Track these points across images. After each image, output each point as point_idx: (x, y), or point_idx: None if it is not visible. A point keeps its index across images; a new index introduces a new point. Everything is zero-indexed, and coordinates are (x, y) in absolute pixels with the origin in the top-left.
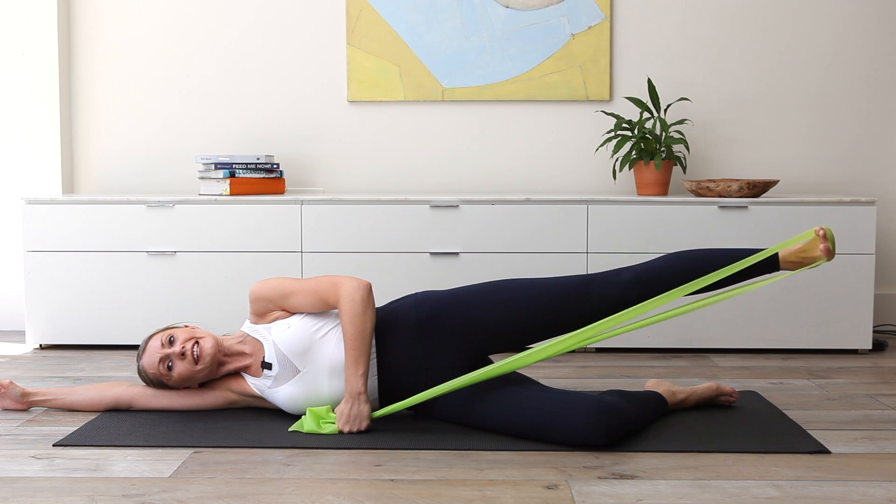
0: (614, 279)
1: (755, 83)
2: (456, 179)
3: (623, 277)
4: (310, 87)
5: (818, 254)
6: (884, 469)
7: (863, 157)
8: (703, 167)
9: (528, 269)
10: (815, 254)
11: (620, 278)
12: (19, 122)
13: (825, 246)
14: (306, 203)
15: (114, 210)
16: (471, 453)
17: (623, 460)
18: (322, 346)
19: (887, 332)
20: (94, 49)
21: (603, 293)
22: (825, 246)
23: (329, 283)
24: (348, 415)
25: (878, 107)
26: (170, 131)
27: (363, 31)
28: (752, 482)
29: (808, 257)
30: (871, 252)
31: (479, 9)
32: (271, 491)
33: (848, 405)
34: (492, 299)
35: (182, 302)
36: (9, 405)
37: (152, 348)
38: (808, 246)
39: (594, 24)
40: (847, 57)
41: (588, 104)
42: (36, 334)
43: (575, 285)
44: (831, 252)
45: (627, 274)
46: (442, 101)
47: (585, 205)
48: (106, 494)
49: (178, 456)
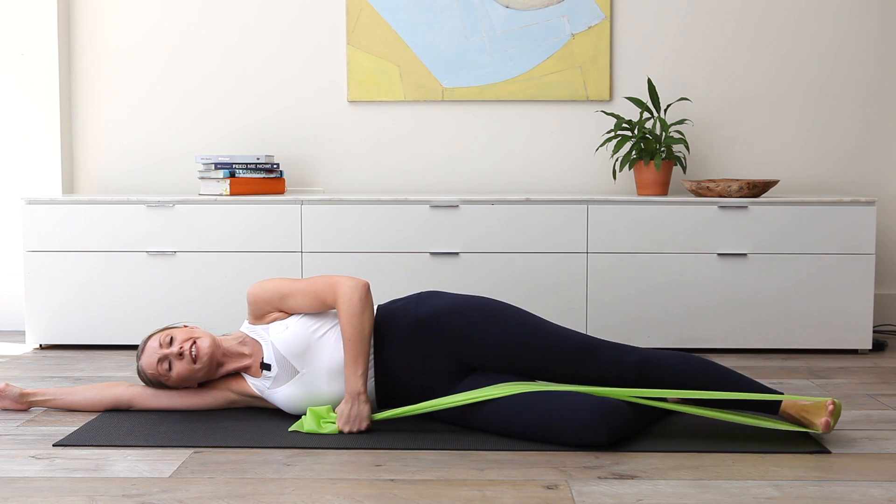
0: (617, 357)
1: (755, 83)
2: (456, 179)
3: (627, 360)
4: (310, 87)
5: (817, 422)
6: (884, 469)
7: (863, 157)
8: (703, 167)
9: (528, 269)
10: (815, 420)
11: (624, 360)
12: (19, 122)
13: (826, 420)
14: (306, 203)
15: (114, 210)
16: (471, 453)
17: (623, 460)
18: (320, 347)
19: (887, 332)
20: (94, 49)
21: (602, 367)
22: (826, 420)
23: (327, 284)
24: (348, 415)
25: (878, 107)
26: (170, 131)
27: (363, 31)
28: (752, 482)
29: (807, 419)
30: (871, 252)
31: (479, 9)
32: (271, 491)
33: (848, 405)
34: (492, 325)
35: (182, 302)
36: (8, 405)
37: (151, 348)
38: (813, 409)
39: (594, 24)
40: (847, 57)
41: (588, 104)
42: (36, 334)
43: (578, 345)
44: (829, 428)
45: (632, 357)
46: (442, 101)
47: (585, 205)
48: (106, 494)
49: (178, 456)
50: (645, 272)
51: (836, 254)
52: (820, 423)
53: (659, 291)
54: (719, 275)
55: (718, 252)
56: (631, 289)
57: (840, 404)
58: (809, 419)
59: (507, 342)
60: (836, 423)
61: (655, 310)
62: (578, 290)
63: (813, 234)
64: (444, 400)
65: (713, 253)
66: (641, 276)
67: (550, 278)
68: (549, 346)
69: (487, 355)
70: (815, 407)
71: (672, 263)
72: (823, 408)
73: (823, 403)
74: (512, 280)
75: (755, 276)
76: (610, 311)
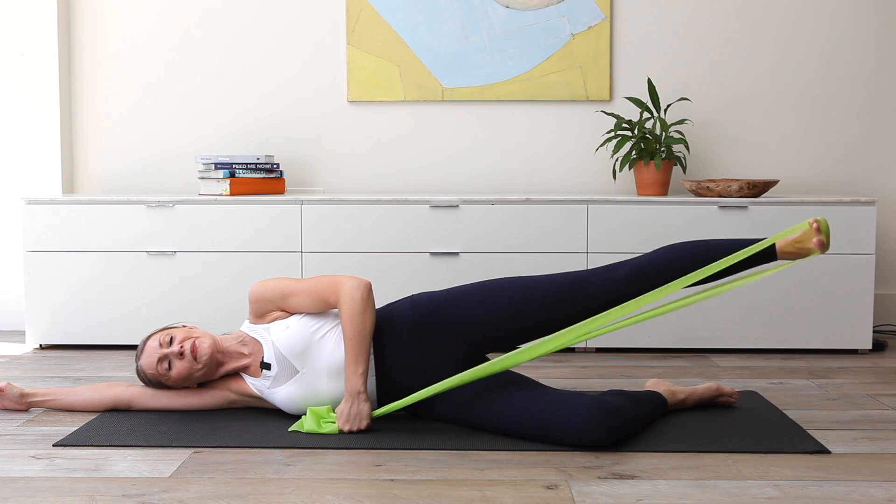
0: (609, 276)
1: (755, 83)
2: (456, 179)
3: (618, 273)
4: (310, 87)
5: (812, 246)
6: (884, 469)
7: (863, 157)
8: (703, 167)
9: (528, 269)
10: (810, 245)
11: (616, 275)
12: (19, 123)
13: (819, 239)
14: (306, 203)
15: (114, 210)
16: (471, 453)
17: (623, 460)
18: (321, 347)
19: (887, 332)
20: (94, 49)
21: (598, 291)
22: (819, 239)
23: (329, 283)
24: (348, 414)
25: (878, 107)
26: (170, 131)
27: (363, 31)
28: (752, 482)
29: (804, 248)
30: (871, 252)
31: (479, 9)
32: (271, 491)
33: (848, 405)
34: (486, 299)
35: (182, 302)
36: (8, 405)
37: (150, 348)
38: (803, 237)
39: (594, 24)
40: (847, 57)
41: (588, 104)
42: (36, 334)
43: (570, 283)
44: (825, 245)
45: (622, 270)
46: (442, 101)
47: (585, 205)
48: (106, 494)
49: (178, 456)
50: None
51: (836, 254)
52: (815, 243)
53: None
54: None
55: None
56: None
57: (823, 220)
58: (806, 247)
59: (507, 310)
60: (829, 238)
61: None
62: None
63: None
64: (445, 383)
65: None
66: None
67: None
68: (543, 298)
69: (495, 331)
70: (804, 235)
71: None
72: (811, 231)
73: (808, 225)
74: None
75: None
76: None
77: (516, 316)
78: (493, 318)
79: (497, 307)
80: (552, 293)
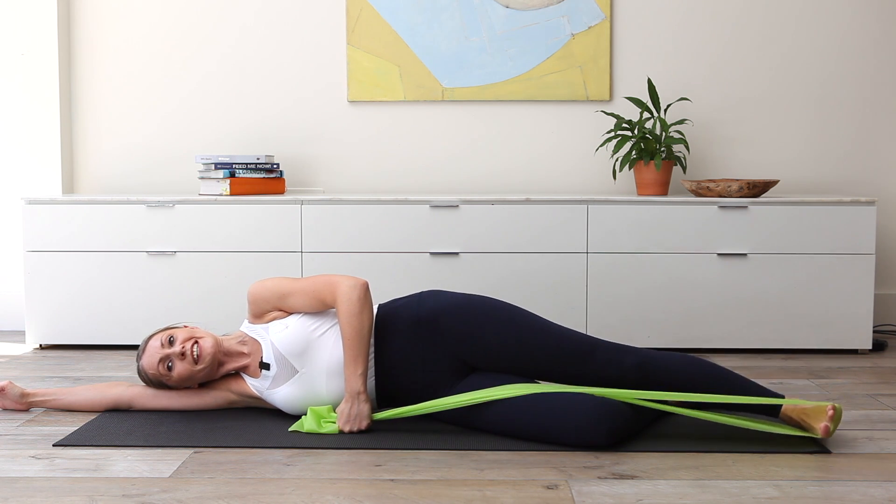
0: (618, 358)
1: (755, 83)
2: (456, 179)
3: (627, 360)
4: (310, 87)
5: (817, 426)
6: (884, 469)
7: (863, 157)
8: (703, 167)
9: (528, 269)
10: (815, 424)
11: (624, 360)
12: (19, 122)
13: (825, 426)
14: (306, 203)
15: (114, 210)
16: (471, 453)
17: (623, 460)
18: (320, 347)
19: (887, 332)
20: (94, 49)
21: (602, 368)
22: (825, 426)
23: (326, 283)
24: (348, 414)
25: (878, 107)
26: (170, 131)
27: (363, 31)
28: (752, 482)
29: (807, 423)
30: (871, 252)
31: (479, 9)
32: (271, 491)
33: (848, 405)
34: (495, 324)
35: (182, 302)
36: (8, 405)
37: (152, 348)
38: (813, 413)
39: (594, 24)
40: (847, 57)
41: (588, 104)
42: (36, 334)
43: (579, 345)
44: (829, 433)
45: (632, 358)
46: (442, 101)
47: (585, 205)
48: (106, 494)
49: (178, 456)
50: (645, 272)
51: (836, 254)
52: (819, 427)
53: (659, 291)
54: (719, 275)
55: (718, 252)
56: (631, 289)
57: (840, 409)
58: (809, 423)
59: (507, 342)
60: (836, 428)
61: (655, 310)
62: (578, 290)
63: (813, 234)
64: (446, 401)
65: (713, 253)
66: (641, 276)
67: (550, 278)
68: (549, 345)
69: (488, 355)
70: (815, 411)
71: (672, 263)
72: (823, 412)
73: (824, 408)
74: (512, 280)
75: (755, 276)
76: (610, 311)
77: (517, 352)
78: (495, 344)
79: (503, 336)
80: (559, 349)
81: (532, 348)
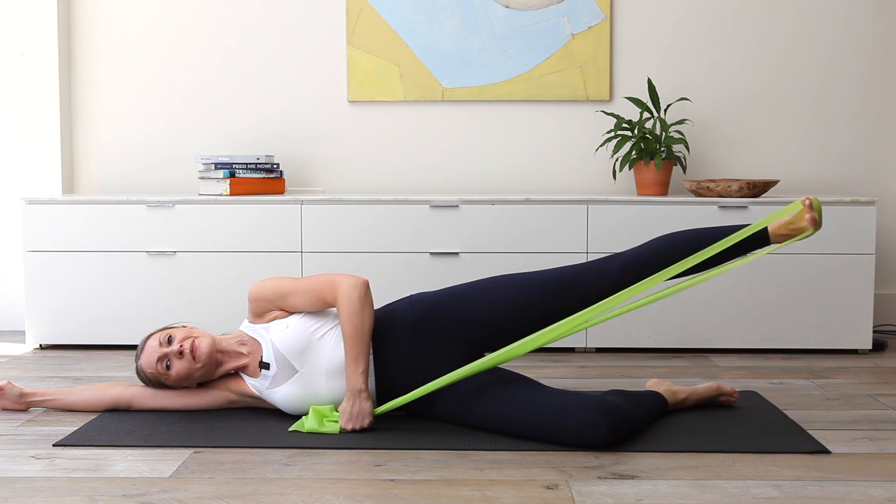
0: (604, 267)
1: (755, 83)
2: (456, 179)
3: (613, 264)
4: (310, 87)
5: (805, 224)
6: (884, 469)
7: (863, 157)
8: (703, 167)
9: (528, 269)
10: (803, 224)
11: (611, 265)
12: (19, 122)
13: (811, 216)
14: (306, 203)
15: (114, 210)
16: (471, 453)
17: (623, 460)
18: (320, 347)
19: (887, 332)
20: (94, 49)
21: (595, 281)
22: (811, 216)
23: (326, 282)
24: (350, 412)
25: (878, 107)
26: (170, 131)
27: (363, 31)
28: (752, 482)
29: (796, 228)
30: (871, 252)
31: (479, 9)
32: (271, 491)
33: (848, 405)
34: (484, 296)
35: (182, 302)
36: (8, 405)
37: (150, 348)
38: (796, 217)
39: (594, 24)
40: (847, 57)
41: (588, 104)
42: (36, 334)
43: (566, 276)
44: (817, 222)
45: (617, 261)
46: (442, 101)
47: (585, 205)
48: (106, 494)
49: (178, 456)
50: None
51: (836, 254)
52: (807, 220)
53: None
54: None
55: None
56: None
57: (815, 198)
58: (798, 226)
59: (502, 306)
60: (821, 216)
61: (655, 310)
62: None
63: None
64: (445, 378)
65: None
66: None
67: None
68: (540, 292)
69: (490, 327)
70: (796, 216)
71: None
72: (803, 209)
73: (800, 206)
74: None
75: (755, 276)
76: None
77: (515, 311)
78: (491, 315)
79: (495, 304)
80: (549, 287)
81: (527, 303)
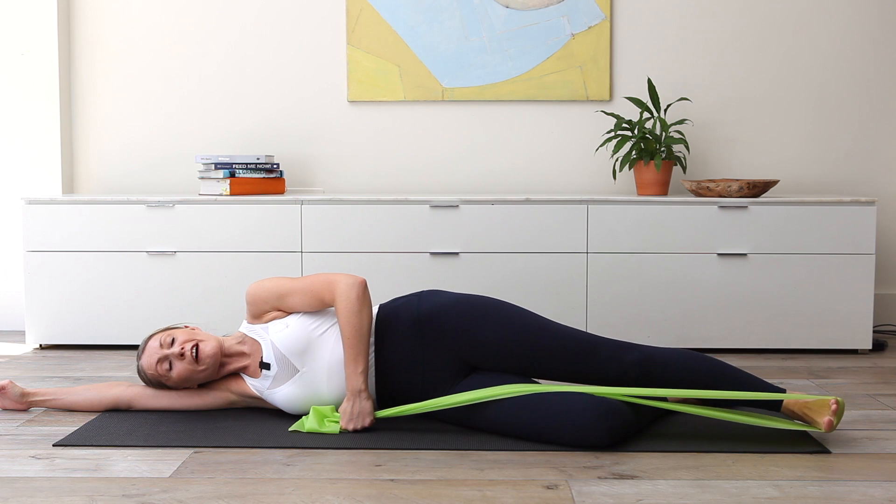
0: (619, 355)
1: (755, 83)
2: (456, 179)
3: (628, 357)
4: (310, 87)
5: (820, 420)
6: (884, 469)
7: (863, 157)
8: (703, 167)
9: (528, 269)
10: (818, 418)
11: (625, 357)
12: (19, 122)
13: (829, 420)
14: (306, 203)
15: (114, 210)
16: (471, 453)
17: (623, 460)
18: (320, 346)
19: (887, 332)
20: (94, 49)
21: (603, 365)
22: (829, 420)
23: (324, 282)
24: (351, 412)
25: (878, 107)
26: (170, 131)
27: (363, 31)
28: (752, 482)
29: (809, 417)
30: (871, 252)
31: (479, 9)
32: (271, 491)
33: (848, 405)
34: (496, 322)
35: (182, 302)
36: (8, 405)
37: (151, 349)
38: (816, 407)
39: (594, 24)
40: (847, 57)
41: (588, 104)
42: (36, 334)
43: (580, 343)
44: (832, 427)
45: (633, 355)
46: (442, 101)
47: (585, 205)
48: (106, 494)
49: (178, 456)
50: (645, 272)
51: (836, 254)
52: (823, 421)
53: (659, 291)
54: (719, 275)
55: (718, 252)
56: (631, 289)
57: (843, 403)
58: (812, 417)
59: (508, 341)
60: (839, 422)
61: (655, 309)
62: (578, 290)
63: (813, 234)
64: (446, 400)
65: (713, 253)
66: (641, 276)
67: (550, 278)
68: (550, 344)
69: (488, 354)
70: (817, 405)
71: (672, 263)
72: (826, 406)
73: (826, 402)
74: (512, 280)
75: (755, 276)
76: (610, 310)
77: (517, 351)
78: (496, 342)
79: (504, 333)
80: (560, 347)
81: (532, 347)
